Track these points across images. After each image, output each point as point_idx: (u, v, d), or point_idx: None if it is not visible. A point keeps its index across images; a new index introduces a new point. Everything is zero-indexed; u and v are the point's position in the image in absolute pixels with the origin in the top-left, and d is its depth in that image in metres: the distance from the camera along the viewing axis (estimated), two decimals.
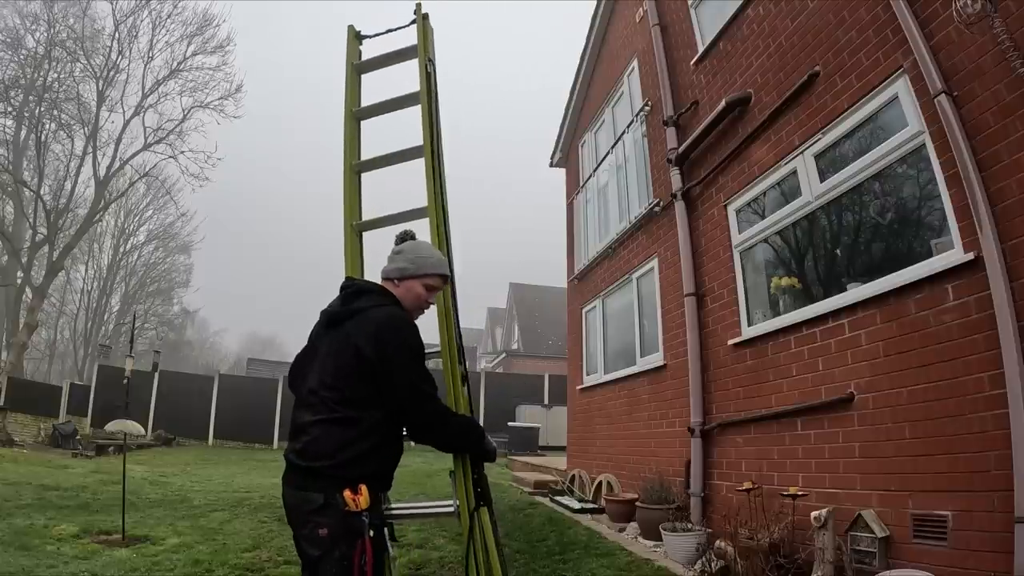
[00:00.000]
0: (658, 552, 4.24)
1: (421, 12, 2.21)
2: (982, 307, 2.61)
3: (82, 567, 3.79)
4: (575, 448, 7.96)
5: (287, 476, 1.68)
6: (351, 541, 1.55)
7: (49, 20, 18.60)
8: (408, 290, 1.83)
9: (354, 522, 1.55)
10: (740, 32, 4.79)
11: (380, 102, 2.28)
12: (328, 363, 1.70)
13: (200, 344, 48.55)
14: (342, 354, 1.67)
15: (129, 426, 5.40)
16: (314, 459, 1.61)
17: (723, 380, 4.56)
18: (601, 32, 8.36)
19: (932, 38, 2.96)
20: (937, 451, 2.77)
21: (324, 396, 1.66)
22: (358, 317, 1.72)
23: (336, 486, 1.56)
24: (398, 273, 1.83)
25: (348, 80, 2.30)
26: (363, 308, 1.73)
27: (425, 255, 1.86)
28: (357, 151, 2.26)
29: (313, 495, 1.58)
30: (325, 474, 1.59)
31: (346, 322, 1.73)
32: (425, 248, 1.90)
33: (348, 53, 2.33)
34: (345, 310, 1.76)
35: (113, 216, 29.22)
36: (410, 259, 1.84)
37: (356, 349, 1.64)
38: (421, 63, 2.18)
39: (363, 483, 1.58)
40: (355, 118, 2.29)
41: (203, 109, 20.93)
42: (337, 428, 1.62)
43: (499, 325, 35.67)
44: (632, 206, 6.46)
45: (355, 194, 2.21)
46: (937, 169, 2.94)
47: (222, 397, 17.26)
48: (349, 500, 1.55)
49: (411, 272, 1.83)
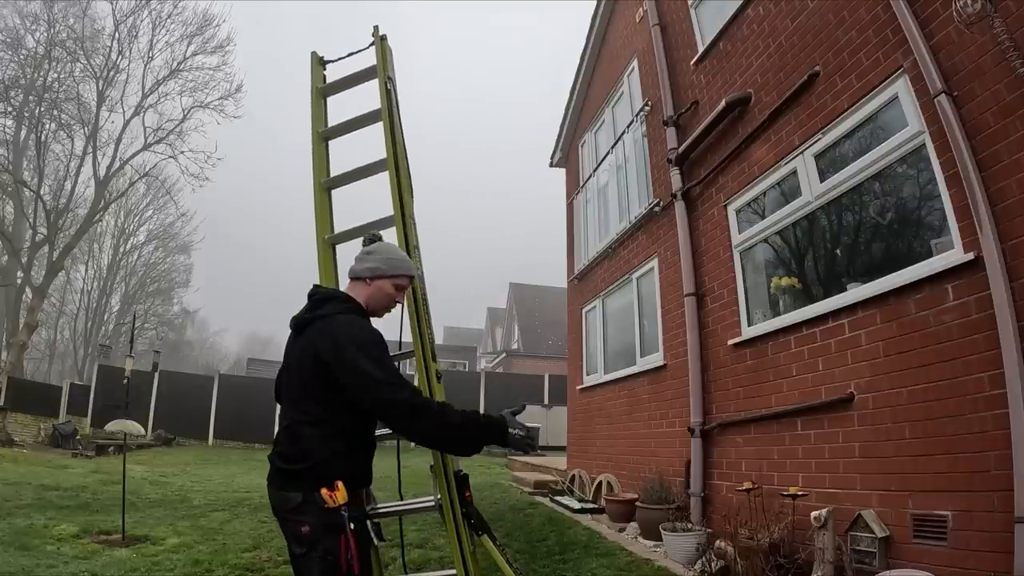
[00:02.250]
0: (658, 552, 4.24)
1: (379, 34, 2.33)
2: (982, 307, 2.61)
3: (82, 567, 3.79)
4: (575, 448, 7.96)
5: (270, 477, 1.75)
6: (334, 536, 1.59)
7: (49, 20, 18.59)
8: (379, 288, 1.89)
9: (334, 518, 1.60)
10: (740, 32, 4.79)
11: (344, 121, 2.39)
12: (296, 369, 1.78)
13: (200, 344, 48.54)
14: (305, 359, 1.74)
15: (129, 426, 5.41)
16: (292, 461, 1.68)
17: (723, 380, 4.56)
18: (601, 32, 8.36)
19: (932, 38, 2.96)
20: (937, 451, 2.77)
21: (295, 400, 1.75)
22: (319, 322, 1.77)
23: (313, 485, 1.62)
24: (369, 272, 1.89)
25: (313, 103, 2.41)
26: (325, 314, 1.78)
27: (396, 256, 1.94)
28: (326, 169, 2.38)
29: (291, 494, 1.64)
30: (302, 475, 1.65)
31: (308, 328, 1.79)
32: (395, 250, 1.98)
33: (312, 78, 2.44)
34: (309, 317, 1.82)
35: (113, 216, 29.23)
36: (382, 259, 1.91)
37: (315, 353, 1.70)
38: (381, 82, 2.29)
39: (340, 480, 1.63)
40: (322, 138, 2.41)
41: (203, 109, 20.94)
42: (309, 430, 1.69)
43: (499, 325, 35.66)
44: (632, 206, 6.46)
45: (325, 210, 2.33)
46: (937, 169, 2.94)
47: (222, 397, 17.26)
48: (326, 497, 1.60)
49: (382, 271, 1.89)
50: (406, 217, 2.15)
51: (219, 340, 52.29)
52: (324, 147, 2.41)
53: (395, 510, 2.08)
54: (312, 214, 2.31)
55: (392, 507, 2.08)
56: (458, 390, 17.32)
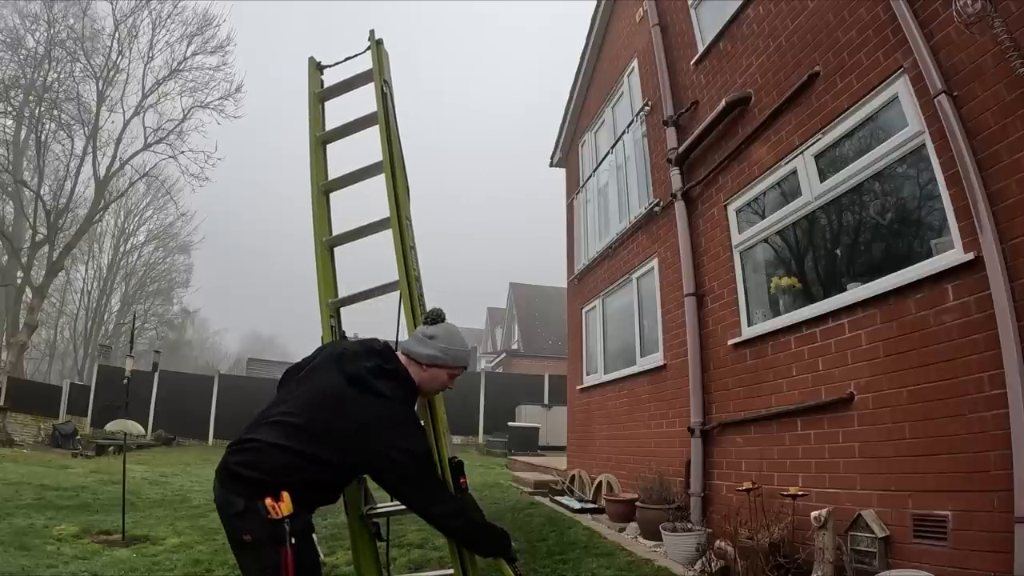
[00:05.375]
0: (658, 552, 4.24)
1: (375, 38, 2.34)
2: (982, 307, 2.61)
3: (82, 567, 3.79)
4: (575, 448, 7.96)
5: (219, 471, 1.66)
6: (275, 549, 1.53)
7: (49, 20, 18.60)
8: (434, 377, 1.88)
9: (276, 530, 1.53)
10: (740, 32, 4.79)
11: (342, 125, 2.40)
12: (320, 414, 1.68)
13: (200, 344, 48.50)
14: (340, 418, 1.67)
15: (129, 426, 5.41)
16: (252, 468, 1.60)
17: (723, 380, 4.56)
18: (601, 32, 8.36)
19: (932, 38, 2.96)
20: (937, 451, 2.77)
21: (301, 435, 1.65)
22: (378, 402, 1.72)
23: (257, 492, 1.55)
24: (429, 360, 1.86)
25: (311, 108, 2.43)
26: (386, 395, 1.73)
27: (457, 347, 1.91)
28: (324, 173, 2.39)
29: (235, 499, 1.58)
30: (248, 480, 1.59)
31: (354, 386, 1.72)
32: (458, 339, 1.93)
33: (310, 83, 2.46)
34: (368, 380, 1.74)
35: (113, 216, 29.26)
36: (443, 349, 1.86)
37: (357, 429, 1.65)
38: (377, 86, 2.31)
39: (286, 490, 1.56)
40: (320, 142, 2.43)
41: (203, 109, 20.95)
42: (295, 461, 1.62)
43: (499, 325, 35.65)
44: (632, 206, 6.46)
45: (324, 213, 2.35)
46: (937, 169, 2.94)
47: (222, 397, 17.25)
48: (269, 507, 1.53)
49: (442, 361, 1.87)
50: (402, 219, 2.16)
51: (219, 340, 52.28)
52: (322, 151, 2.42)
53: (391, 510, 2.08)
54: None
55: (388, 507, 2.07)
56: (458, 390, 17.14)
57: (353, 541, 2.08)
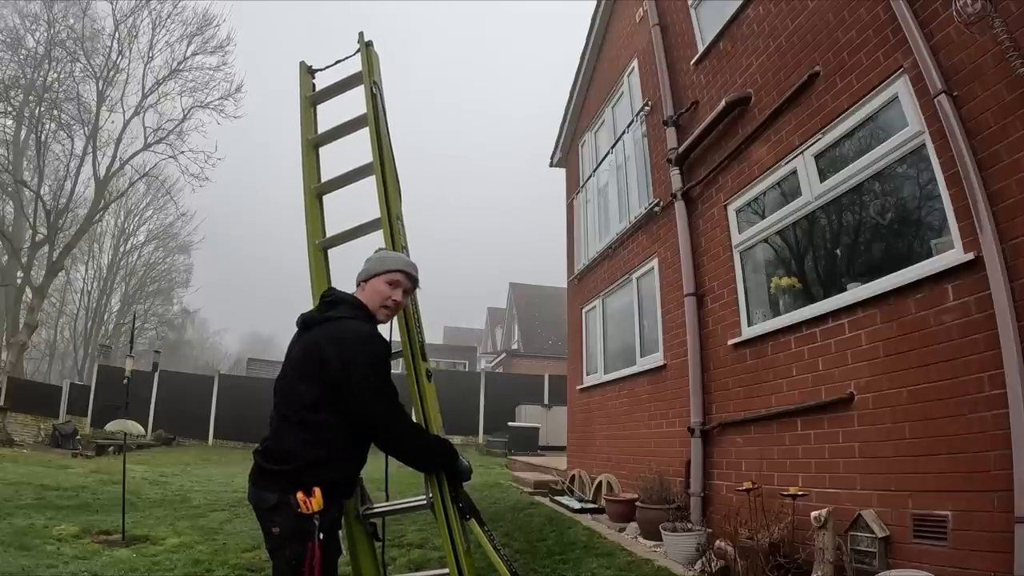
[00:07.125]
0: (658, 552, 4.24)
1: (364, 40, 2.35)
2: (982, 307, 2.61)
3: (82, 567, 3.79)
4: (575, 448, 7.96)
5: (251, 473, 1.74)
6: (301, 542, 1.59)
7: (49, 20, 18.58)
8: (373, 289, 1.90)
9: (304, 524, 1.59)
10: (740, 32, 4.79)
11: (333, 128, 2.41)
12: (296, 367, 1.77)
13: (200, 344, 48.48)
14: (308, 359, 1.74)
15: (129, 426, 5.41)
16: (275, 461, 1.68)
17: (723, 380, 4.56)
18: (601, 32, 8.36)
19: (932, 38, 2.96)
20: (937, 451, 2.77)
21: (289, 398, 1.74)
22: (327, 324, 1.78)
23: (290, 487, 1.61)
24: (364, 275, 1.92)
25: (303, 112, 2.44)
26: (335, 317, 1.79)
27: (387, 256, 1.96)
28: (316, 176, 2.40)
29: (268, 494, 1.65)
30: (281, 476, 1.65)
31: (315, 328, 1.79)
32: (387, 252, 2.01)
33: (301, 87, 2.46)
34: (318, 316, 1.83)
35: (113, 216, 29.25)
36: (373, 261, 1.94)
37: (320, 354, 1.70)
38: (367, 87, 2.31)
39: (318, 486, 1.62)
40: (312, 145, 2.43)
41: (203, 109, 20.93)
42: (298, 430, 1.68)
43: (499, 325, 35.64)
44: (632, 206, 6.46)
45: (316, 215, 2.35)
46: (937, 169, 2.94)
47: (222, 397, 17.27)
48: (301, 502, 1.59)
49: (374, 271, 1.91)
50: (392, 218, 2.17)
51: (219, 340, 52.25)
52: (314, 153, 2.43)
53: (388, 510, 2.09)
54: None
55: (386, 507, 2.09)
56: (458, 390, 17.32)
57: (351, 541, 2.08)
